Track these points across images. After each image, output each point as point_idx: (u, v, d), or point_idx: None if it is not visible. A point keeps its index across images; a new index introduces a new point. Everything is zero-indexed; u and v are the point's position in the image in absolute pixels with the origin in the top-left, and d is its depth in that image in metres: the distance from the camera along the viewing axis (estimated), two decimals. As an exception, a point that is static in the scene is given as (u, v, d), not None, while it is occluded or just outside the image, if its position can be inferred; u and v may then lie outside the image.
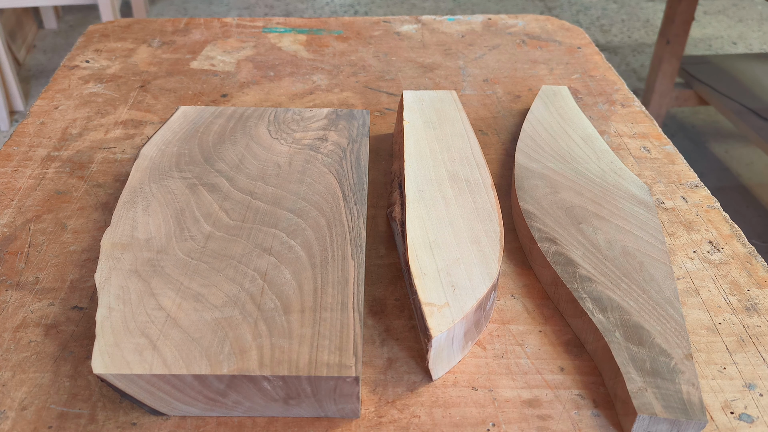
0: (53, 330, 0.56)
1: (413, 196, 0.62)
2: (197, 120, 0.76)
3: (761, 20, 2.94)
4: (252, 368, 0.46)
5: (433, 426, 0.49)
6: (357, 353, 0.48)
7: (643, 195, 0.68)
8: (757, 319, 0.58)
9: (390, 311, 0.59)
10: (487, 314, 0.57)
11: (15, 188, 0.72)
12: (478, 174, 0.66)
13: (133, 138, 0.81)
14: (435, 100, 0.78)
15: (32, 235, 0.66)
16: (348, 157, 0.70)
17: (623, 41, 2.75)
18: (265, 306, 0.51)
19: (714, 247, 0.66)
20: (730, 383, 0.53)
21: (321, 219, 0.61)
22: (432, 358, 0.51)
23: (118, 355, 0.47)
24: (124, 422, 0.49)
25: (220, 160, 0.68)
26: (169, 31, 1.08)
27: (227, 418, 0.49)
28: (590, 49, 1.06)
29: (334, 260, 0.56)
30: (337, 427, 0.49)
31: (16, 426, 0.48)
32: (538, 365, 0.54)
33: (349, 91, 0.93)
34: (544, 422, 0.50)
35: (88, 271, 0.61)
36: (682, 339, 0.53)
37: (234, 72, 0.97)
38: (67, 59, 0.99)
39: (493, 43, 1.07)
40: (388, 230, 0.68)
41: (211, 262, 0.55)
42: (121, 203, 0.62)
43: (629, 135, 0.84)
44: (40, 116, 0.85)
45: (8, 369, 0.52)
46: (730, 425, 0.50)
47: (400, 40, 1.07)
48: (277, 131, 0.74)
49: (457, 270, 0.55)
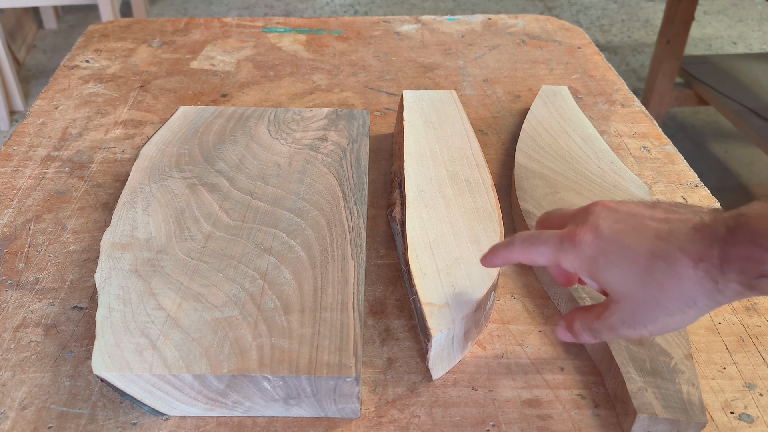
0: (53, 330, 0.56)
1: (413, 196, 0.62)
2: (197, 120, 0.76)
3: (761, 20, 2.94)
4: (252, 368, 0.46)
5: (433, 426, 0.49)
6: (357, 353, 0.48)
7: (643, 195, 0.68)
8: (757, 319, 0.58)
9: (390, 311, 0.59)
10: (487, 314, 0.57)
11: (15, 188, 0.72)
12: (478, 174, 0.66)
13: (133, 138, 0.81)
14: (435, 100, 0.78)
15: (32, 235, 0.65)
16: (348, 157, 0.70)
17: (623, 41, 2.75)
18: (265, 306, 0.51)
19: (714, 247, 0.66)
20: (730, 383, 0.53)
21: (321, 219, 0.61)
22: (432, 358, 0.51)
23: (118, 355, 0.47)
24: (124, 422, 0.49)
25: (220, 160, 0.68)
26: (169, 31, 1.08)
27: (227, 418, 0.49)
28: (590, 49, 1.06)
29: (334, 260, 0.56)
30: (337, 427, 0.49)
31: (16, 426, 0.48)
32: (538, 365, 0.54)
33: (349, 91, 0.93)
34: (544, 422, 0.50)
35: (88, 271, 0.61)
36: (682, 339, 0.53)
37: (234, 72, 0.97)
38: (67, 59, 0.99)
39: (493, 43, 1.07)
40: (388, 230, 0.68)
41: (211, 262, 0.55)
42: (121, 203, 0.62)
43: (629, 135, 0.84)
44: (40, 116, 0.85)
45: (8, 369, 0.52)
46: (730, 425, 0.50)
47: (400, 40, 1.07)
48: (277, 131, 0.74)
49: (457, 270, 0.55)
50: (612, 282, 0.42)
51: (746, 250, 0.37)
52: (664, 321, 0.41)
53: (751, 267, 0.37)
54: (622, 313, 0.42)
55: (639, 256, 0.41)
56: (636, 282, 0.41)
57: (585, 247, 0.43)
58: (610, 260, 0.42)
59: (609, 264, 0.42)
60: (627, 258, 0.41)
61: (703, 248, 0.39)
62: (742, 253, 0.37)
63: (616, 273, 0.42)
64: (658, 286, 0.40)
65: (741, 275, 0.37)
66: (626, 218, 0.43)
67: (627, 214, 0.43)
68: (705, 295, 0.39)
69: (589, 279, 0.44)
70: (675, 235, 0.40)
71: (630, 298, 0.42)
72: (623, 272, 0.41)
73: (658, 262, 0.40)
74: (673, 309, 0.40)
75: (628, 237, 0.42)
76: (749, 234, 0.37)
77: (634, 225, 0.42)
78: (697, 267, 0.39)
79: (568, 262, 0.44)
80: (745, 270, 0.37)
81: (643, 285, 0.41)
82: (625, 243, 0.42)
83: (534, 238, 0.46)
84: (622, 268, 0.41)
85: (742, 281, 0.37)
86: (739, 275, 0.37)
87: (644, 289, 0.41)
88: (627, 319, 0.42)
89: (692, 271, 0.39)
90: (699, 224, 0.40)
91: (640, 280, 0.41)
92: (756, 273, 0.37)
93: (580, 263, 0.43)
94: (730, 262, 0.37)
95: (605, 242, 0.42)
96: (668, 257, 0.40)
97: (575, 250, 0.43)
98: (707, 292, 0.39)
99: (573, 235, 0.43)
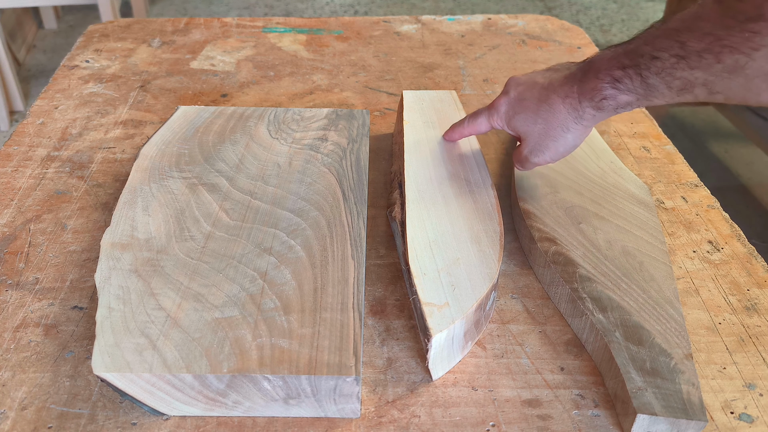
0: (53, 330, 0.56)
1: (413, 196, 0.62)
2: (197, 120, 0.75)
3: (761, 20, 2.94)
4: (252, 368, 0.46)
5: (433, 426, 0.49)
6: (357, 353, 0.48)
7: (643, 195, 0.68)
8: (757, 319, 0.58)
9: (390, 311, 0.59)
10: (487, 314, 0.57)
11: (15, 188, 0.72)
12: (478, 174, 0.66)
13: (133, 138, 0.81)
14: (435, 100, 0.78)
15: (32, 235, 0.65)
16: (348, 157, 0.70)
17: (623, 41, 2.75)
18: (265, 306, 0.51)
19: (714, 247, 0.66)
20: (730, 383, 0.53)
21: (321, 219, 0.61)
22: (432, 358, 0.51)
23: (118, 355, 0.47)
24: (124, 422, 0.49)
25: (220, 160, 0.68)
26: (169, 31, 1.08)
27: (227, 418, 0.49)
28: (590, 49, 1.06)
29: (334, 260, 0.56)
30: (337, 427, 0.49)
31: (16, 426, 0.48)
32: (538, 365, 0.54)
33: (349, 91, 0.93)
34: (544, 422, 0.50)
35: (88, 271, 0.61)
36: (682, 339, 0.53)
37: (234, 72, 0.97)
38: (67, 59, 0.99)
39: (493, 43, 1.07)
40: (388, 230, 0.68)
41: (211, 262, 0.55)
42: (121, 203, 0.62)
43: (629, 135, 0.84)
44: (40, 116, 0.85)
45: (8, 369, 0.52)
46: (730, 425, 0.50)
47: (400, 40, 1.07)
48: (277, 131, 0.74)
49: (457, 270, 0.55)
50: (518, 126, 0.61)
51: (591, 83, 0.54)
52: (554, 145, 0.59)
53: (596, 95, 0.54)
54: (528, 146, 0.61)
55: (531, 104, 0.59)
56: (531, 122, 0.60)
57: (500, 108, 0.63)
58: (516, 111, 0.61)
59: (515, 114, 0.61)
60: (525, 107, 0.60)
61: (567, 88, 0.56)
62: (590, 86, 0.54)
63: (519, 119, 0.61)
64: (543, 122, 0.59)
65: (591, 102, 0.55)
66: (525, 81, 0.61)
67: (527, 79, 0.62)
68: (573, 120, 0.57)
69: (509, 130, 0.63)
70: (552, 84, 0.58)
71: (530, 134, 0.60)
72: (524, 118, 0.60)
73: (542, 105, 0.58)
74: (556, 135, 0.58)
75: (525, 93, 0.60)
76: (593, 72, 0.54)
77: (528, 84, 0.61)
78: (565, 102, 0.57)
79: (495, 122, 0.64)
80: (593, 97, 0.54)
81: (535, 123, 0.59)
82: (523, 97, 0.60)
83: (474, 114, 0.66)
84: (523, 116, 0.60)
85: (592, 105, 0.55)
86: (590, 102, 0.55)
87: (536, 126, 0.59)
88: (533, 149, 0.60)
89: (561, 106, 0.57)
90: (567, 75, 0.57)
91: (533, 120, 0.59)
92: (600, 98, 0.54)
93: (501, 120, 0.63)
94: (584, 93, 0.55)
95: (512, 100, 0.62)
96: (547, 100, 0.58)
97: (495, 112, 0.63)
98: (573, 119, 0.57)
99: (493, 103, 0.64)
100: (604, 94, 0.53)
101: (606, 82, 0.53)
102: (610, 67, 0.52)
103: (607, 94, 0.53)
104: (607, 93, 0.53)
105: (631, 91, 0.52)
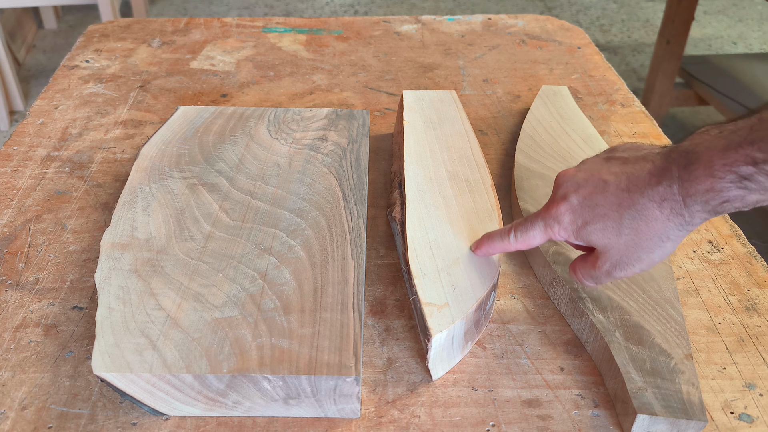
0: (53, 330, 0.56)
1: (413, 196, 0.62)
2: (197, 120, 0.75)
3: (761, 20, 2.94)
4: (252, 368, 0.46)
5: (433, 426, 0.49)
6: (357, 353, 0.48)
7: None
8: (757, 319, 0.58)
9: (390, 311, 0.59)
10: (487, 314, 0.57)
11: (15, 188, 0.72)
12: (478, 174, 0.66)
13: (133, 138, 0.81)
14: (435, 100, 0.78)
15: (32, 235, 0.65)
16: (348, 157, 0.70)
17: (623, 41, 2.75)
18: (265, 306, 0.51)
19: (714, 247, 0.66)
20: (730, 383, 0.53)
21: (321, 219, 0.61)
22: (432, 358, 0.51)
23: (118, 355, 0.47)
24: (124, 422, 0.49)
25: (220, 160, 0.68)
26: (169, 31, 1.08)
27: (227, 418, 0.49)
28: (590, 49, 1.06)
29: (334, 260, 0.56)
30: (337, 427, 0.49)
31: (16, 426, 0.48)
32: (538, 365, 0.54)
33: (349, 91, 0.93)
34: (544, 422, 0.50)
35: (88, 271, 0.61)
36: (682, 339, 0.53)
37: (234, 72, 0.97)
38: (67, 59, 0.99)
39: (493, 43, 1.07)
40: (388, 230, 0.68)
41: (211, 262, 0.55)
42: (121, 203, 0.62)
43: (629, 135, 0.84)
44: (40, 116, 0.85)
45: (8, 369, 0.52)
46: (730, 425, 0.50)
47: (400, 40, 1.07)
48: (277, 131, 0.74)
49: (457, 270, 0.55)
50: (595, 239, 0.48)
51: (706, 183, 0.42)
52: (648, 257, 0.47)
53: (713, 197, 0.42)
54: (611, 261, 0.48)
55: (609, 211, 0.47)
56: (614, 233, 0.47)
57: (562, 218, 0.49)
58: (586, 221, 0.48)
59: (587, 225, 0.48)
60: (600, 215, 0.47)
61: (662, 190, 0.44)
62: (703, 187, 0.42)
63: (595, 231, 0.48)
64: (633, 232, 0.46)
65: (705, 205, 0.43)
66: (588, 180, 0.49)
67: (587, 176, 0.49)
68: (675, 228, 0.45)
69: (576, 242, 0.50)
70: (634, 183, 0.46)
71: (613, 248, 0.47)
72: (601, 228, 0.47)
73: (627, 211, 0.46)
74: (651, 246, 0.46)
75: (595, 197, 0.48)
76: (703, 168, 0.42)
77: (595, 184, 0.48)
78: (662, 207, 0.44)
79: (556, 235, 0.50)
80: (708, 200, 0.42)
81: (620, 234, 0.47)
82: (594, 203, 0.48)
83: (525, 226, 0.52)
84: (599, 225, 0.47)
85: (706, 210, 0.43)
86: (703, 206, 0.43)
87: (622, 237, 0.47)
88: (617, 263, 0.48)
89: (658, 212, 0.45)
90: (653, 169, 0.45)
91: (616, 230, 0.47)
92: (719, 200, 0.42)
93: (564, 232, 0.50)
94: (693, 196, 0.43)
95: (578, 208, 0.48)
96: (634, 205, 0.46)
97: (556, 223, 0.49)
98: (676, 225, 0.45)
99: (549, 211, 0.50)
100: (726, 197, 0.41)
101: (728, 181, 0.41)
102: (730, 162, 0.41)
103: (731, 196, 0.41)
104: (730, 195, 0.41)
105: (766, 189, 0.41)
